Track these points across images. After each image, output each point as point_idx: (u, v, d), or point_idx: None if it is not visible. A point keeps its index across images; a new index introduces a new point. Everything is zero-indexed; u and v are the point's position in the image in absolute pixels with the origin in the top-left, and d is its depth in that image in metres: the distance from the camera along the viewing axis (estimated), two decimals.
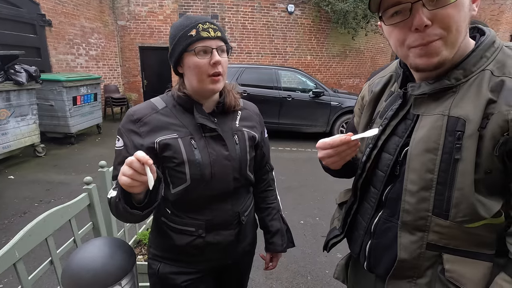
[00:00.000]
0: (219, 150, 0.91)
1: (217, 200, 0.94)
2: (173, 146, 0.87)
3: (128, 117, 0.89)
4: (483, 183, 0.58)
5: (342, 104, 5.90)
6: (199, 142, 0.89)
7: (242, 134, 0.98)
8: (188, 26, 0.83)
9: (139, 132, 0.87)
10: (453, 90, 0.62)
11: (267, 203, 1.15)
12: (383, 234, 0.73)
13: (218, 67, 0.85)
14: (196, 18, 0.84)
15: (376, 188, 0.76)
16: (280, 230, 1.14)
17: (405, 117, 0.71)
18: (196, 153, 0.88)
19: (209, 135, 0.91)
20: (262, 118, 1.12)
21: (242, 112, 1.03)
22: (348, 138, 0.69)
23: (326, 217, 3.10)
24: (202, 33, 0.82)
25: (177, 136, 0.87)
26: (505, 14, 12.63)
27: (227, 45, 0.89)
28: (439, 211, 0.62)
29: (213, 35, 0.83)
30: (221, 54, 0.87)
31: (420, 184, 0.63)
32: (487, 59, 0.61)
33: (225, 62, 0.88)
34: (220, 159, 0.91)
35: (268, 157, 1.16)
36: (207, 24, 0.84)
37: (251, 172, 1.02)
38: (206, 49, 0.84)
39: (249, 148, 0.98)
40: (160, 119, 0.89)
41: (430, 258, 0.65)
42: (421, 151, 0.63)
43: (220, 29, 0.87)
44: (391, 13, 0.61)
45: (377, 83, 0.83)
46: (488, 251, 0.62)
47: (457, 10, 0.57)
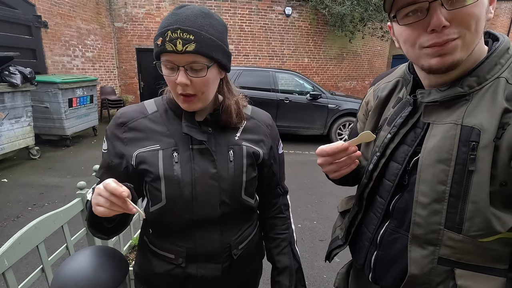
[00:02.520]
0: (205, 167, 0.77)
1: (201, 227, 0.80)
2: (150, 159, 0.76)
3: (114, 119, 0.81)
4: (499, 196, 0.56)
5: (340, 106, 5.89)
6: (183, 155, 0.77)
7: (240, 149, 0.82)
8: (160, 29, 0.68)
9: (122, 138, 0.78)
10: (466, 98, 0.60)
11: (276, 232, 0.96)
12: (390, 245, 0.71)
13: (187, 89, 0.70)
14: (171, 21, 0.67)
15: (382, 198, 0.74)
16: (289, 268, 0.92)
17: (415, 125, 0.69)
18: (175, 168, 0.76)
19: (198, 147, 0.78)
20: (276, 130, 0.95)
21: (247, 122, 0.87)
22: (345, 145, 0.68)
23: (324, 220, 3.08)
24: (167, 45, 0.65)
25: (159, 148, 0.77)
26: (500, 18, 12.78)
27: (214, 59, 0.70)
28: (452, 224, 0.59)
29: (180, 49, 0.65)
30: (196, 73, 0.69)
31: (432, 196, 0.60)
32: (501, 66, 0.58)
33: (201, 82, 0.70)
34: (205, 178, 0.77)
35: (281, 178, 0.97)
36: (178, 32, 0.65)
37: (250, 196, 0.86)
38: (171, 66, 0.69)
39: (247, 167, 0.82)
40: (146, 125, 0.79)
41: (442, 274, 0.62)
42: (433, 162, 0.60)
43: (201, 39, 0.66)
44: (406, 13, 0.58)
45: (383, 88, 0.81)
46: (502, 266, 0.60)
47: (477, 9, 0.54)
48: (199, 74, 0.70)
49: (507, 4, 12.57)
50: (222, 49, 0.72)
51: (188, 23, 0.66)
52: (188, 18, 0.66)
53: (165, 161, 0.76)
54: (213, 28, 0.70)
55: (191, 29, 0.66)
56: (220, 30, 0.72)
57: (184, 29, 0.65)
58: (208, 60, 0.69)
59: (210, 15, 0.70)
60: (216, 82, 0.76)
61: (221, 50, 0.72)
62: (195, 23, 0.67)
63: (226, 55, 0.74)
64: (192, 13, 0.67)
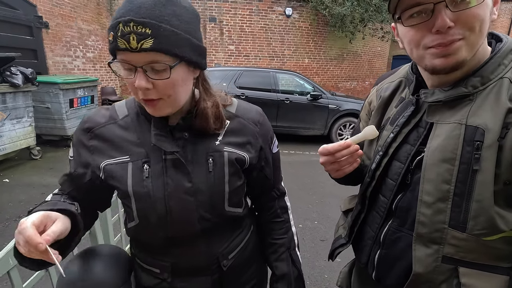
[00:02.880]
0: (179, 181, 0.68)
1: (180, 244, 0.73)
2: (119, 173, 0.68)
3: (81, 124, 0.72)
4: (503, 195, 0.57)
5: (340, 107, 5.90)
6: (155, 167, 0.68)
7: (221, 156, 0.71)
8: (112, 21, 0.56)
9: (88, 145, 0.70)
10: (470, 98, 0.60)
11: (273, 237, 0.88)
12: (393, 244, 0.71)
13: (148, 93, 0.59)
14: (123, 11, 0.54)
15: (385, 197, 0.74)
16: (287, 275, 0.86)
17: (417, 124, 0.69)
18: (146, 184, 0.67)
19: (171, 157, 0.68)
20: (267, 127, 0.82)
21: (231, 121, 0.75)
22: (347, 143, 0.68)
23: (325, 220, 3.08)
24: (119, 41, 0.54)
25: (128, 160, 0.68)
26: (500, 18, 12.79)
27: (178, 56, 0.58)
28: (456, 223, 0.60)
29: (134, 46, 0.53)
30: (157, 74, 0.58)
31: (436, 195, 0.61)
32: (505, 67, 0.59)
33: (165, 85, 0.59)
34: (179, 193, 0.68)
35: (276, 180, 0.87)
36: (131, 25, 0.53)
37: (237, 206, 0.77)
38: (128, 66, 0.57)
39: (230, 176, 0.72)
40: (115, 132, 0.70)
41: (446, 272, 0.62)
42: (437, 161, 0.61)
43: (160, 33, 0.54)
44: (410, 14, 0.59)
45: (386, 88, 0.81)
46: (505, 264, 0.60)
47: (481, 10, 0.55)
48: (162, 75, 0.58)
49: (507, 4, 12.59)
50: (189, 44, 0.59)
51: (143, 13, 0.53)
52: (144, 6, 0.54)
53: (134, 176, 0.68)
54: (177, 18, 0.57)
55: (147, 21, 0.53)
56: (187, 19, 0.59)
57: (138, 21, 0.53)
58: (171, 58, 0.57)
59: (173, 1, 0.57)
60: (187, 82, 0.64)
61: (188, 44, 0.59)
62: (152, 12, 0.54)
63: (196, 50, 0.62)
64: (150, 0, 0.55)
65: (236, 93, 5.74)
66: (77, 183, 0.72)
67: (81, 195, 0.73)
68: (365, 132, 0.70)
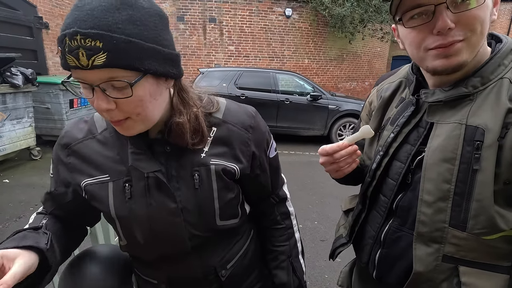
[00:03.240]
0: (162, 202, 0.63)
1: (173, 259, 0.70)
2: (99, 195, 0.63)
3: (59, 139, 0.67)
4: (502, 194, 0.57)
5: (340, 107, 5.90)
6: (137, 187, 0.62)
7: (207, 170, 0.65)
8: (60, 32, 0.47)
9: (66, 162, 0.65)
10: (470, 98, 0.61)
11: (273, 244, 0.83)
12: (394, 243, 0.72)
13: (113, 114, 0.53)
14: (69, 21, 0.46)
15: (386, 196, 0.75)
16: (286, 285, 0.82)
17: (418, 124, 0.70)
18: (129, 205, 0.62)
19: (154, 175, 0.62)
20: (262, 131, 0.74)
21: (218, 129, 0.68)
22: (345, 144, 0.69)
23: (325, 221, 3.08)
24: (68, 58, 0.46)
25: (108, 179, 0.63)
26: (499, 19, 12.81)
27: (140, 70, 0.49)
28: (456, 222, 0.60)
29: (85, 63, 0.46)
30: (119, 92, 0.50)
31: (436, 194, 0.61)
32: (505, 67, 0.59)
33: (129, 103, 0.52)
34: (163, 215, 0.63)
35: (274, 186, 0.81)
36: (78, 39, 0.45)
37: (230, 218, 0.72)
38: (82, 84, 0.51)
39: (219, 191, 0.66)
40: (93, 148, 0.64)
41: (446, 271, 0.63)
42: (438, 161, 0.61)
43: (114, 46, 0.46)
44: (411, 16, 0.59)
45: (387, 88, 0.82)
46: (505, 263, 0.61)
47: (482, 12, 0.55)
48: (123, 93, 0.50)
49: (506, 5, 12.62)
50: (154, 53, 0.51)
51: (92, 22, 0.45)
52: (93, 14, 0.45)
53: (116, 197, 0.63)
54: (135, 24, 0.48)
55: (96, 32, 0.45)
56: (148, 24, 0.50)
57: (85, 33, 0.45)
58: (132, 73, 0.49)
59: (129, 3, 0.48)
60: (158, 95, 0.56)
61: (152, 54, 0.50)
62: (103, 21, 0.45)
63: (164, 59, 0.53)
64: (99, 5, 0.46)
65: (236, 94, 5.75)
66: (59, 202, 0.69)
67: (65, 213, 0.71)
68: (361, 131, 0.71)
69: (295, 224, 0.87)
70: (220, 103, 0.71)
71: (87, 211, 0.70)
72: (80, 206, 0.69)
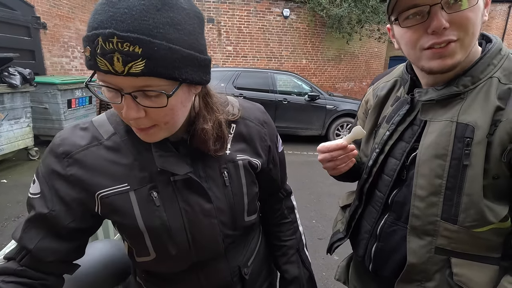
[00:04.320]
0: (197, 203, 0.60)
1: (204, 266, 0.66)
2: (121, 208, 0.56)
3: (51, 149, 0.56)
4: (491, 189, 0.60)
5: (337, 107, 5.93)
6: (164, 193, 0.58)
7: (235, 166, 0.65)
8: (88, 30, 0.43)
9: (66, 175, 0.55)
10: (461, 97, 0.63)
11: (281, 239, 0.84)
12: (389, 237, 0.74)
13: (140, 122, 0.49)
14: (102, 18, 0.41)
15: (381, 192, 0.77)
16: (298, 278, 0.82)
17: (412, 122, 0.72)
18: (160, 213, 0.57)
19: (181, 177, 0.58)
20: (273, 125, 0.77)
21: (237, 126, 0.67)
22: (344, 144, 0.72)
23: (323, 219, 3.10)
24: (99, 61, 0.41)
25: (129, 188, 0.56)
26: (495, 20, 12.90)
27: (179, 79, 0.46)
28: (448, 216, 0.62)
29: (119, 69, 0.41)
30: (151, 101, 0.47)
31: (429, 189, 0.64)
32: (494, 67, 0.62)
33: (161, 112, 0.49)
34: (199, 217, 0.60)
35: (283, 180, 0.83)
36: (114, 42, 0.40)
37: (253, 213, 0.72)
38: (110, 90, 0.47)
39: (248, 186, 0.67)
40: (102, 156, 0.56)
41: (439, 262, 0.65)
42: (430, 157, 0.64)
43: (155, 53, 0.42)
44: (406, 16, 0.61)
45: (382, 87, 0.84)
46: (495, 255, 0.63)
47: (474, 13, 0.58)
48: (157, 102, 0.47)
49: (502, 6, 12.71)
50: (192, 61, 0.47)
51: (131, 24, 0.40)
52: (131, 13, 0.40)
53: (142, 207, 0.57)
54: (177, 28, 0.44)
55: (137, 36, 0.40)
56: (189, 28, 0.46)
57: (123, 37, 0.40)
58: (168, 82, 0.46)
59: (171, 3, 0.44)
60: (187, 103, 0.54)
61: (190, 62, 0.47)
62: (143, 23, 0.41)
63: (200, 66, 0.50)
64: (139, 3, 0.41)
65: (234, 94, 5.75)
66: (51, 228, 0.56)
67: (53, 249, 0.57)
68: (353, 132, 0.74)
69: (298, 218, 0.89)
70: (233, 101, 0.71)
71: (84, 236, 0.61)
72: (80, 230, 0.59)
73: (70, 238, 0.58)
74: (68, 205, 0.56)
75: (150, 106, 0.47)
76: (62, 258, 0.58)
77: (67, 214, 0.56)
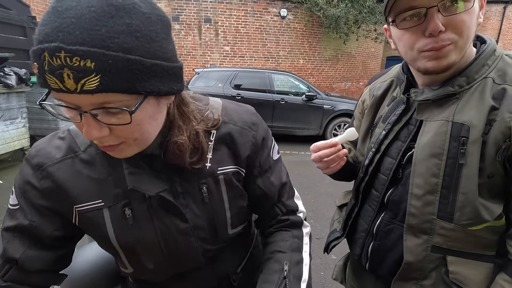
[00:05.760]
0: (172, 223, 0.57)
1: (185, 276, 0.65)
2: (95, 224, 0.55)
3: (27, 159, 0.54)
4: (486, 187, 0.60)
5: (335, 107, 5.95)
6: (139, 210, 0.55)
7: (216, 181, 0.60)
8: (34, 45, 0.37)
9: (41, 188, 0.53)
10: (456, 96, 0.64)
11: (270, 250, 0.68)
12: (386, 235, 0.75)
13: (104, 140, 0.45)
14: (47, 30, 0.36)
15: (377, 191, 0.77)
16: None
17: (408, 122, 0.73)
18: (133, 232, 0.55)
19: (158, 195, 0.55)
20: (264, 127, 0.67)
21: (217, 131, 0.60)
22: (334, 142, 0.73)
23: (320, 219, 3.11)
24: (48, 78, 0.36)
25: (103, 205, 0.54)
26: (491, 21, 13.01)
27: (142, 93, 0.41)
28: (444, 214, 0.63)
29: (72, 87, 0.36)
30: (114, 117, 0.42)
31: (425, 188, 0.64)
32: (488, 67, 0.63)
33: (126, 129, 0.44)
34: (174, 235, 0.58)
35: (281, 194, 0.69)
36: (61, 57, 0.35)
37: (239, 223, 0.67)
38: (66, 108, 0.42)
39: (231, 201, 0.62)
40: (77, 170, 0.54)
41: (435, 260, 0.66)
42: (426, 156, 0.64)
43: (110, 66, 0.36)
44: (403, 18, 0.62)
45: (379, 87, 0.85)
46: (490, 253, 0.64)
47: (469, 16, 0.58)
48: (120, 119, 0.42)
49: (497, 6, 12.82)
50: (157, 70, 0.42)
51: (79, 35, 0.35)
52: (80, 23, 0.35)
53: (116, 225, 0.55)
54: (135, 36, 0.39)
55: (86, 49, 0.35)
56: (150, 34, 0.41)
57: (72, 50, 0.35)
58: (130, 96, 0.41)
59: (126, 7, 0.38)
60: (158, 115, 0.49)
61: (156, 72, 0.42)
62: (94, 33, 0.36)
63: (168, 75, 0.44)
64: (88, 11, 0.36)
65: (232, 94, 5.77)
66: (35, 238, 0.55)
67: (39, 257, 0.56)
68: (347, 133, 0.75)
69: (306, 243, 0.71)
70: (216, 104, 0.64)
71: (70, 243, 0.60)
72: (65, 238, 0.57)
73: (55, 246, 0.57)
74: (47, 216, 0.54)
75: (113, 123, 0.42)
76: (49, 267, 0.57)
77: (47, 224, 0.55)
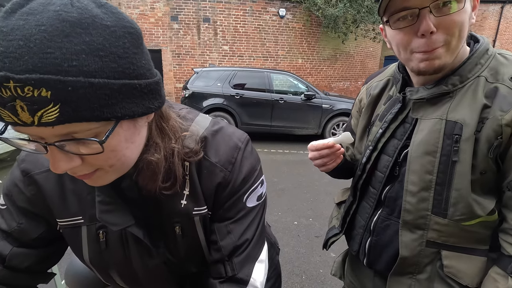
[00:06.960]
0: (142, 256, 0.55)
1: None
2: (73, 239, 0.54)
3: (17, 162, 0.54)
4: (479, 183, 0.62)
5: (333, 106, 5.97)
6: (113, 234, 0.53)
7: (191, 223, 0.54)
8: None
9: (27, 194, 0.52)
10: (450, 95, 0.66)
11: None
12: (383, 231, 0.77)
13: (77, 170, 0.41)
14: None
15: (375, 188, 0.79)
16: None
17: (404, 120, 0.74)
18: (104, 256, 0.54)
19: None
20: (247, 168, 0.56)
21: (190, 165, 0.53)
22: (330, 143, 0.76)
23: (319, 217, 3.13)
24: (2, 112, 0.32)
25: (82, 222, 0.53)
26: (488, 20, 13.05)
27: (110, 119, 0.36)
28: (438, 210, 0.65)
29: (28, 120, 0.32)
30: (83, 146, 0.38)
31: (420, 185, 0.66)
32: (481, 66, 0.64)
33: (99, 158, 0.40)
34: (146, 267, 0.56)
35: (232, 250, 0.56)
36: (11, 88, 0.30)
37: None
38: (30, 140, 0.37)
39: (207, 237, 0.58)
40: (62, 183, 0.52)
41: (430, 255, 0.68)
42: (421, 154, 0.66)
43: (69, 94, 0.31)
44: (397, 18, 0.63)
45: (375, 86, 0.86)
46: (483, 247, 0.66)
47: (461, 17, 0.60)
48: (90, 147, 0.38)
49: (494, 6, 12.86)
50: (129, 91, 0.37)
51: (29, 60, 0.30)
52: (28, 46, 0.30)
53: (90, 245, 0.53)
54: (98, 55, 0.33)
55: (39, 77, 0.30)
56: (116, 51, 0.35)
57: (22, 80, 0.30)
58: (100, 123, 0.36)
59: (82, 22, 0.32)
60: (137, 135, 0.44)
61: (127, 93, 0.37)
62: (47, 56, 0.30)
63: (142, 94, 0.39)
64: (38, 30, 0.30)
65: (231, 93, 5.78)
66: (24, 237, 0.54)
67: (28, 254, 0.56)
68: (342, 136, 0.78)
69: None
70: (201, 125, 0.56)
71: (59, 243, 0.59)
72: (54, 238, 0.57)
73: (44, 245, 0.57)
74: (34, 219, 0.54)
75: (83, 153, 0.38)
76: (37, 265, 0.57)
77: (35, 227, 0.54)
